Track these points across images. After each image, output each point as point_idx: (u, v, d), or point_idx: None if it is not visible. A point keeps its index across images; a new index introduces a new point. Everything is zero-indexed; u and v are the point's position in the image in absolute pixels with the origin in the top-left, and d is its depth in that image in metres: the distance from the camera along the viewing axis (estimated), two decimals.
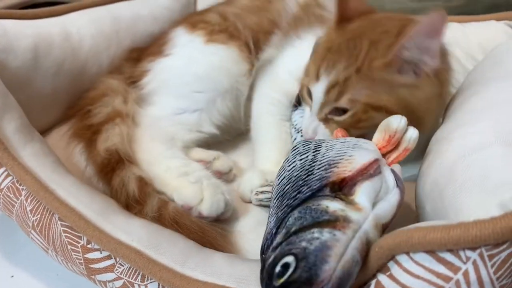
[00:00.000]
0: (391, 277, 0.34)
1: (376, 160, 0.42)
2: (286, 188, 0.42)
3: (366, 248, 0.36)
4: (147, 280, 0.46)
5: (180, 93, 0.69)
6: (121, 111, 0.66)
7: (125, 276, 0.47)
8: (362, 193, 0.38)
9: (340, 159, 0.41)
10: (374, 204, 0.38)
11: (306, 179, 0.41)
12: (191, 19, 0.77)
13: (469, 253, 0.31)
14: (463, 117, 0.50)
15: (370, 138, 0.49)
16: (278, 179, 0.46)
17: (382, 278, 0.35)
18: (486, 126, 0.43)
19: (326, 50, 0.57)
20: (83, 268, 0.50)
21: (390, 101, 0.53)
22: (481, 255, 0.30)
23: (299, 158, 0.45)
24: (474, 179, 0.36)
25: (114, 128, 0.64)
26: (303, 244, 0.34)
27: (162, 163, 0.62)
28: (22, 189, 0.55)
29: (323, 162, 0.42)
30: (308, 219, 0.36)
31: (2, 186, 0.56)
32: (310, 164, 0.43)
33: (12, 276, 0.61)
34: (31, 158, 0.57)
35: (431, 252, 0.32)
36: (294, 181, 0.42)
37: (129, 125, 0.65)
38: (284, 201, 0.41)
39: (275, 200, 0.43)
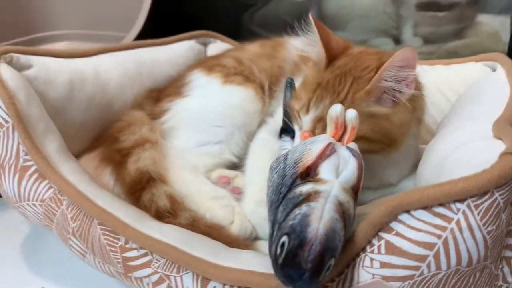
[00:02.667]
0: (398, 234, 0.42)
1: (329, 144, 0.50)
2: (272, 197, 0.49)
3: (341, 207, 0.43)
4: (182, 271, 0.52)
5: (202, 128, 0.76)
6: (149, 138, 0.73)
7: (162, 270, 0.53)
8: (324, 170, 0.46)
9: (302, 155, 0.49)
10: (338, 175, 0.46)
11: (282, 182, 0.48)
12: (207, 63, 0.85)
13: (458, 205, 0.39)
14: (447, 129, 0.59)
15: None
16: (267, 197, 0.52)
17: (389, 237, 0.42)
18: (466, 131, 0.53)
19: (316, 85, 0.64)
20: (120, 266, 0.55)
21: (369, 130, 0.60)
22: (468, 206, 0.39)
23: (275, 172, 0.52)
24: (462, 164, 0.45)
25: (144, 152, 0.70)
26: (290, 223, 0.42)
27: (193, 187, 0.68)
28: (63, 199, 0.60)
29: (291, 163, 0.49)
30: (289, 206, 0.44)
31: (45, 197, 0.62)
32: (283, 170, 0.50)
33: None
34: (70, 174, 0.63)
35: (427, 208, 0.40)
36: (275, 189, 0.49)
37: (158, 151, 0.72)
38: (272, 207, 0.48)
39: (268, 213, 0.50)
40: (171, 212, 0.62)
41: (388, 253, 0.42)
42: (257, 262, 0.51)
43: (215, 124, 0.76)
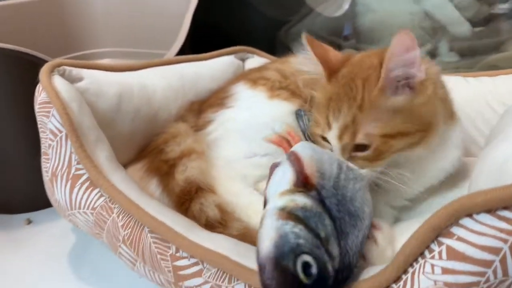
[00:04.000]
0: (460, 239, 0.41)
1: (271, 166, 0.52)
2: None
3: (284, 211, 0.44)
4: (234, 281, 0.51)
5: (250, 139, 0.74)
6: (195, 148, 0.74)
7: (213, 280, 0.53)
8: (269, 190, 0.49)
9: None
10: None
11: None
12: (250, 75, 0.85)
13: None
14: (499, 139, 0.58)
15: None
16: None
17: (451, 242, 0.41)
18: None
19: (328, 100, 0.63)
20: (171, 275, 0.55)
21: (402, 124, 0.59)
22: None
23: None
24: None
25: (191, 162, 0.71)
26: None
27: (244, 198, 0.68)
28: (114, 207, 0.62)
29: None
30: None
31: (96, 205, 0.63)
32: None
33: None
34: (120, 182, 0.64)
35: (491, 211, 0.39)
36: None
37: (205, 161, 0.72)
38: None
39: None
40: (221, 222, 0.63)
41: (450, 258, 0.41)
42: None
43: (263, 136, 0.75)
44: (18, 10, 1.16)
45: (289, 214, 0.43)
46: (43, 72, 0.68)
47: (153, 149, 0.77)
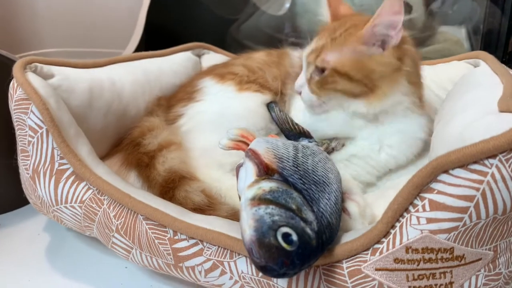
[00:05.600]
0: (440, 192, 0.47)
1: (237, 167, 0.60)
2: None
3: (255, 200, 0.48)
4: (236, 256, 0.55)
5: (222, 129, 0.74)
6: (173, 140, 0.76)
7: (214, 257, 0.56)
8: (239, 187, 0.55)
9: None
10: None
11: None
12: (216, 71, 0.89)
13: (491, 160, 0.45)
14: (447, 119, 0.66)
15: None
16: None
17: (432, 196, 0.47)
18: (470, 113, 0.59)
19: (322, 31, 0.75)
20: (170, 258, 0.58)
21: (353, 68, 0.68)
22: (500, 161, 0.45)
23: None
24: (482, 132, 0.50)
25: (170, 153, 0.73)
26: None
27: (226, 182, 0.72)
28: (104, 199, 0.62)
29: None
30: None
31: (84, 198, 0.63)
32: None
33: None
34: (105, 175, 0.65)
35: (463, 166, 0.46)
36: None
37: (184, 151, 0.75)
38: None
39: None
40: (209, 206, 0.65)
41: (432, 209, 0.47)
42: None
43: (234, 126, 0.79)
44: None
45: (260, 200, 0.47)
46: (16, 68, 0.66)
47: (129, 143, 0.78)
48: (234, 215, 0.64)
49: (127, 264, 0.70)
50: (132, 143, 0.77)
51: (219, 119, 0.80)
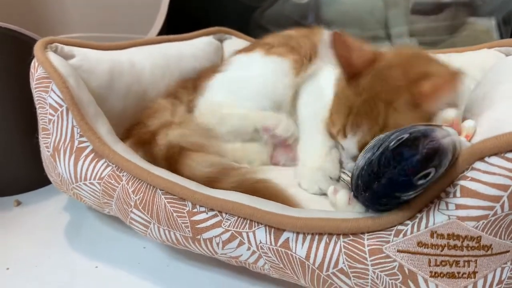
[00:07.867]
0: (473, 179, 0.45)
1: None
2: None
3: (456, 149, 0.46)
4: (255, 226, 0.54)
5: (239, 91, 0.81)
6: (173, 120, 0.78)
7: (233, 228, 0.55)
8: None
9: None
10: None
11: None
12: (248, 47, 0.90)
13: None
14: (487, 102, 0.62)
15: None
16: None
17: (465, 183, 0.46)
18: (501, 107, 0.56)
19: (348, 109, 0.63)
20: (188, 230, 0.57)
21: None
22: None
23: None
24: None
25: (171, 130, 0.74)
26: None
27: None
28: (123, 175, 0.62)
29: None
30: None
31: (103, 175, 0.63)
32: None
33: (97, 267, 0.66)
34: (123, 152, 0.65)
35: (499, 154, 0.44)
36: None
37: (185, 128, 0.76)
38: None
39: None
40: (217, 177, 0.65)
41: (463, 195, 0.45)
42: (321, 212, 0.55)
43: (246, 98, 0.80)
44: None
45: (454, 152, 0.46)
46: (37, 48, 0.67)
47: (137, 124, 0.79)
48: (239, 186, 0.63)
49: (146, 244, 0.70)
50: (139, 125, 0.78)
51: (238, 82, 0.82)
